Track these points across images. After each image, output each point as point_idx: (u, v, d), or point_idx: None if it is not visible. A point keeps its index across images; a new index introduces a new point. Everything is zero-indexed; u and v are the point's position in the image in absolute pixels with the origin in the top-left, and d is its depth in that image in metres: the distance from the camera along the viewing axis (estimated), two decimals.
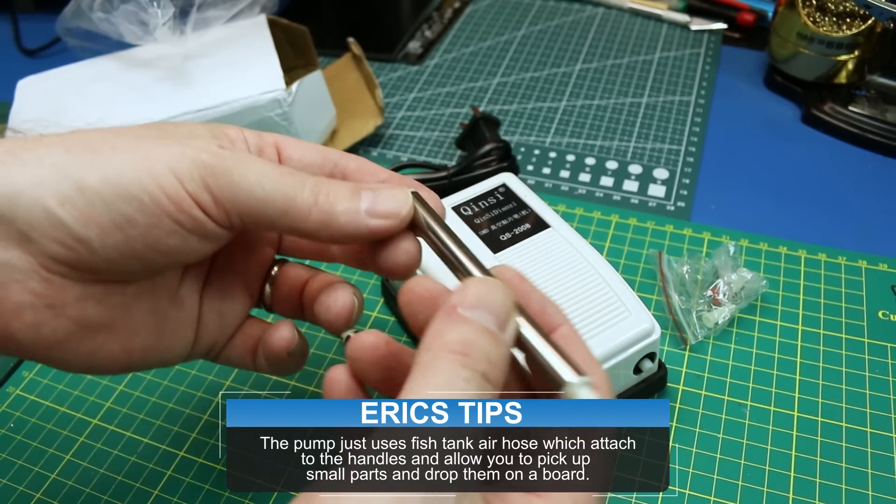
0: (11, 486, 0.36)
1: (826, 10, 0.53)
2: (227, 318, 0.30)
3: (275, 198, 0.24)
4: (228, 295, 0.30)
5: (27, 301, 0.23)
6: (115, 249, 0.23)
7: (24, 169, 0.22)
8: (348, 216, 0.25)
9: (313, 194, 0.25)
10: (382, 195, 0.25)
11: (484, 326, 0.21)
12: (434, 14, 0.72)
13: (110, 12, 0.48)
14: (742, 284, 0.41)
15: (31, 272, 0.23)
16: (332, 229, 0.25)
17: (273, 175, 0.24)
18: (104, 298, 0.25)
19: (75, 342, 0.25)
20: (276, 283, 0.31)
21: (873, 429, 0.36)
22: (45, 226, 0.22)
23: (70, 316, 0.24)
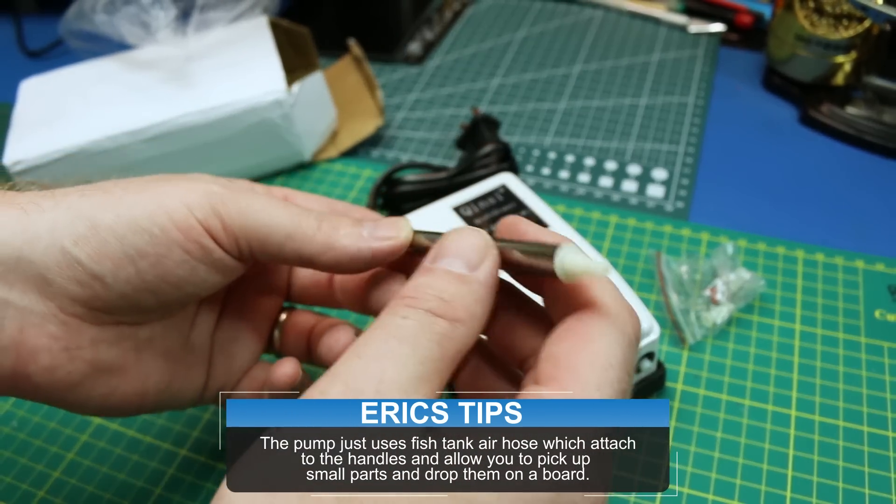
0: (15, 484, 0.36)
1: (823, 11, 0.54)
2: (236, 361, 0.31)
3: (280, 222, 0.25)
4: (239, 340, 0.31)
5: (44, 344, 0.24)
6: (128, 283, 0.24)
7: (43, 215, 0.24)
8: (350, 238, 0.26)
9: (317, 221, 0.26)
10: (383, 223, 0.26)
11: (445, 270, 0.22)
12: (434, 15, 0.72)
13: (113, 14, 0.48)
14: (740, 284, 0.41)
15: (49, 315, 0.24)
16: (335, 251, 0.26)
17: (279, 204, 0.26)
18: (117, 341, 0.26)
19: (89, 385, 0.25)
20: (284, 329, 0.32)
21: (870, 427, 0.36)
22: (62, 265, 0.23)
23: (85, 359, 0.25)
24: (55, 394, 0.25)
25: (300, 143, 0.52)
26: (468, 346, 0.22)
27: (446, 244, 0.23)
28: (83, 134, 0.47)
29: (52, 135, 0.48)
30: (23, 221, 0.23)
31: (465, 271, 0.22)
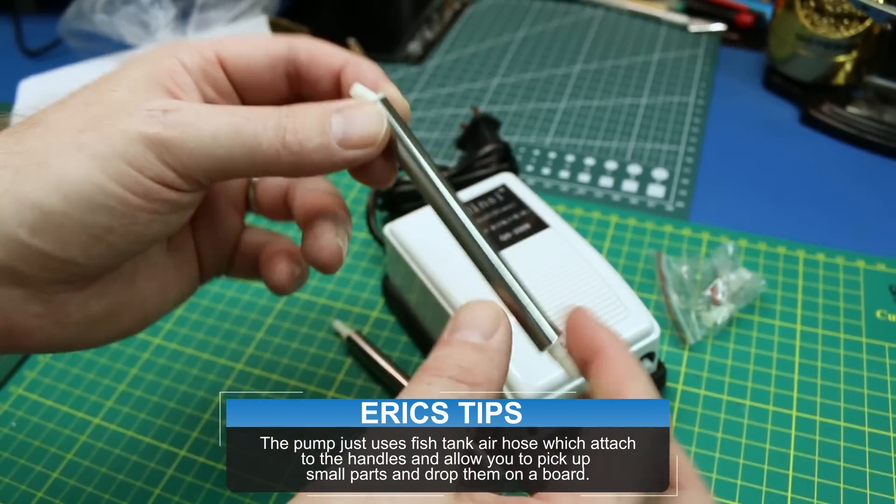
0: (14, 485, 0.36)
1: (824, 11, 0.53)
2: (222, 239, 0.30)
3: (238, 152, 0.23)
4: (217, 219, 0.29)
5: (34, 324, 0.23)
6: (102, 257, 0.23)
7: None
8: (321, 153, 0.23)
9: (277, 136, 0.23)
10: (355, 118, 0.24)
11: (463, 341, 0.22)
12: (434, 15, 0.72)
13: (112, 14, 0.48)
14: (741, 284, 0.41)
15: (29, 299, 0.23)
16: (305, 168, 0.24)
17: (229, 128, 0.23)
18: (104, 291, 0.25)
19: (89, 335, 0.25)
20: (258, 189, 0.30)
21: (871, 428, 0.36)
22: (26, 258, 0.22)
23: (77, 321, 0.24)
24: (59, 349, 0.25)
25: None
26: None
27: (462, 317, 0.23)
28: None
29: None
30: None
31: (482, 341, 0.23)
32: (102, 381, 0.40)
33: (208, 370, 0.41)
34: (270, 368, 0.41)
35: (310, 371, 0.40)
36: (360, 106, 0.24)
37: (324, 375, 0.40)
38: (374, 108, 0.24)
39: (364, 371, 0.40)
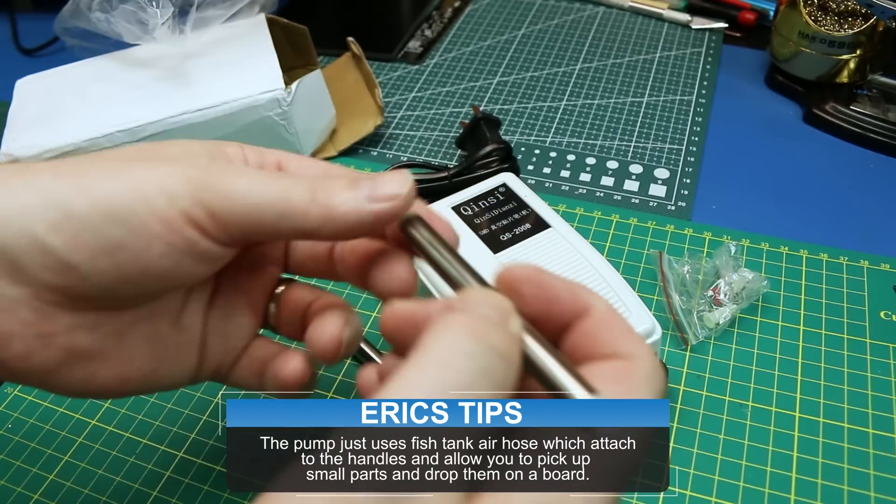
0: (9, 487, 0.36)
1: (828, 9, 0.53)
2: (231, 339, 0.29)
3: (270, 201, 0.23)
4: (234, 316, 0.29)
5: (16, 331, 0.23)
6: (106, 275, 0.23)
7: (12, 197, 0.22)
8: (348, 205, 0.23)
9: (309, 191, 0.24)
10: (381, 180, 0.24)
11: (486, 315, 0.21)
12: (434, 13, 0.71)
13: (109, 12, 0.47)
14: (743, 284, 0.41)
15: (21, 302, 0.23)
16: (334, 222, 0.23)
17: (265, 179, 0.24)
18: (96, 327, 0.24)
19: (66, 371, 0.24)
20: (280, 303, 0.29)
21: (875, 430, 0.36)
22: (34, 253, 0.22)
23: (60, 345, 0.24)
24: (32, 379, 0.24)
25: (299, 142, 0.52)
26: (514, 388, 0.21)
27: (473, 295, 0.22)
28: (79, 132, 0.47)
29: (47, 133, 0.47)
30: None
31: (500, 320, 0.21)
32: None
33: None
34: None
35: None
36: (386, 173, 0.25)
37: (323, 376, 0.40)
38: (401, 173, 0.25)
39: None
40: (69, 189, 0.22)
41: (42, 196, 0.22)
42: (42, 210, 0.22)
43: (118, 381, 0.25)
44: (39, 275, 0.22)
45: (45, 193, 0.22)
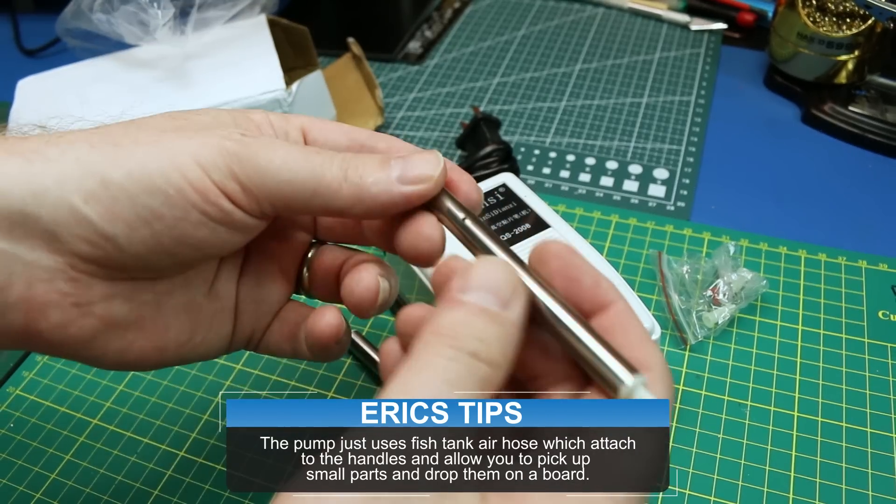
0: (11, 486, 0.36)
1: (826, 10, 0.53)
2: (264, 305, 0.29)
3: (303, 178, 0.23)
4: (266, 282, 0.29)
5: (53, 300, 0.23)
6: (143, 245, 0.23)
7: (49, 166, 0.22)
8: (380, 186, 0.24)
9: (342, 170, 0.24)
10: (413, 160, 0.24)
11: (479, 307, 0.21)
12: (434, 14, 0.72)
13: (110, 13, 0.48)
14: (742, 284, 0.41)
15: (58, 271, 0.23)
16: (365, 202, 0.24)
17: (299, 156, 0.24)
18: (133, 296, 0.24)
19: (103, 341, 0.24)
20: (312, 267, 0.29)
21: (873, 429, 0.36)
22: (71, 223, 0.22)
23: (97, 315, 0.24)
24: (68, 349, 0.24)
25: None
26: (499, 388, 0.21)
27: (474, 275, 0.22)
28: None
29: None
30: (26, 172, 0.22)
31: (497, 308, 0.21)
32: (101, 382, 0.40)
33: (207, 370, 0.40)
34: (270, 369, 0.40)
35: (309, 371, 0.40)
36: (418, 152, 0.25)
37: (323, 375, 0.40)
38: (433, 154, 0.25)
39: (364, 371, 0.40)
40: (105, 159, 0.22)
41: (78, 166, 0.22)
42: (79, 180, 0.22)
43: (155, 350, 0.26)
44: (76, 245, 0.22)
45: (81, 163, 0.22)
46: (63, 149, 0.23)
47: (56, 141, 0.23)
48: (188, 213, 0.23)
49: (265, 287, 0.29)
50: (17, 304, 0.22)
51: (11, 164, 0.22)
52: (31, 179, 0.22)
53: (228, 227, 0.24)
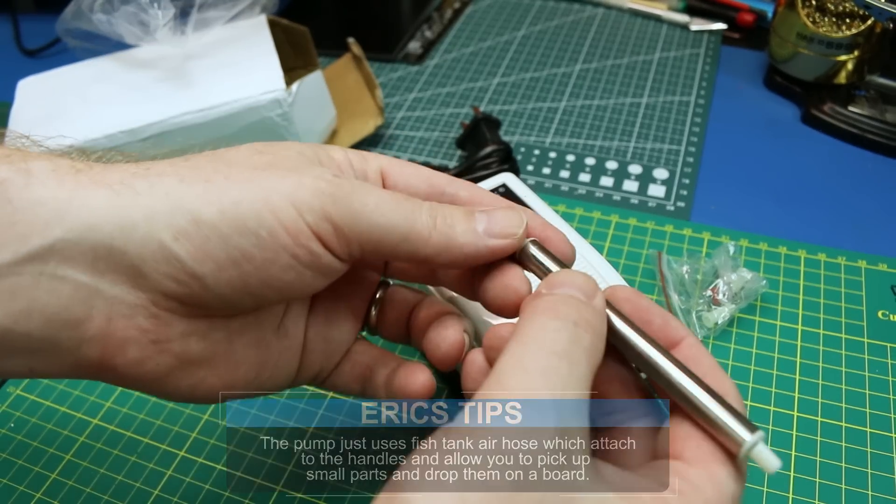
0: (11, 485, 0.36)
1: (826, 10, 0.53)
2: (333, 343, 0.29)
3: (396, 223, 0.23)
4: (335, 320, 0.29)
5: (132, 337, 0.23)
6: (229, 286, 0.23)
7: (138, 200, 0.22)
8: (467, 237, 0.24)
9: (431, 217, 0.24)
10: (497, 216, 0.25)
11: (570, 295, 0.22)
12: (434, 14, 0.72)
13: (111, 13, 0.48)
14: (742, 284, 0.41)
15: (140, 307, 0.22)
16: (452, 252, 0.24)
17: (392, 201, 0.24)
18: (208, 333, 0.24)
19: (176, 377, 0.24)
20: (382, 307, 0.30)
21: (873, 429, 0.36)
22: (159, 261, 0.22)
23: (173, 352, 0.23)
24: (141, 384, 0.24)
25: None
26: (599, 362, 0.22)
27: (559, 279, 0.23)
28: (81, 133, 0.47)
29: (49, 134, 0.47)
30: (114, 204, 0.21)
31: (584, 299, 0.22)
32: (101, 382, 0.40)
33: None
34: None
35: None
36: (502, 208, 0.26)
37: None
38: (515, 212, 0.26)
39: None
40: (197, 196, 0.22)
41: (168, 201, 0.22)
42: (168, 216, 0.22)
43: (224, 386, 0.26)
44: (161, 283, 0.22)
45: (171, 199, 0.22)
46: (152, 182, 0.22)
47: (144, 173, 0.22)
48: (278, 256, 0.23)
49: (334, 326, 0.29)
50: (96, 338, 0.22)
51: (98, 196, 0.21)
52: (119, 213, 0.21)
53: (315, 270, 0.24)
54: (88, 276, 0.21)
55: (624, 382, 0.24)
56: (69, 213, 0.21)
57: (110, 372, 0.23)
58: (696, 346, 0.24)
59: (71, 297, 0.21)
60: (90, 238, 0.21)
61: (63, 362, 0.22)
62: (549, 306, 0.22)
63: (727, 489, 0.21)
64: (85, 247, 0.21)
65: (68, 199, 0.21)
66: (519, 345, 0.20)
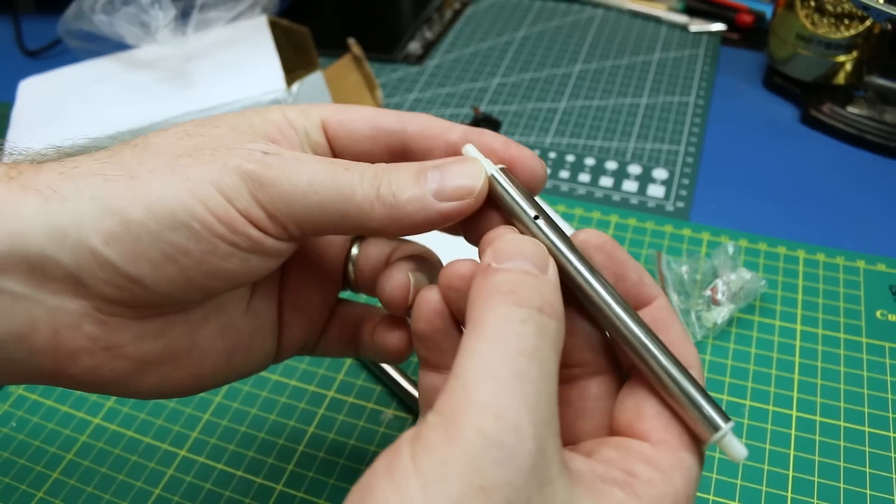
0: (14, 485, 0.36)
1: (824, 11, 0.53)
2: (313, 312, 0.28)
3: (332, 199, 0.22)
4: (310, 289, 0.27)
5: (82, 346, 0.22)
6: (171, 283, 0.22)
7: (65, 205, 0.21)
8: (415, 204, 0.22)
9: (373, 187, 0.22)
10: (451, 171, 0.22)
11: (523, 269, 0.20)
12: (434, 15, 0.72)
13: (112, 14, 0.48)
14: (741, 284, 0.41)
15: (85, 316, 0.21)
16: (400, 223, 0.22)
17: (325, 174, 0.22)
18: (164, 331, 0.23)
19: (137, 378, 0.23)
20: (358, 264, 0.27)
21: (871, 428, 0.36)
22: (94, 267, 0.21)
23: (129, 355, 0.23)
24: (101, 388, 0.23)
25: None
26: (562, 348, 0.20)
27: (506, 247, 0.21)
28: (82, 133, 0.47)
29: (51, 134, 0.48)
30: (43, 212, 0.20)
31: (536, 272, 0.20)
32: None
33: None
34: (271, 368, 0.40)
35: (310, 371, 0.40)
36: (458, 160, 0.23)
37: (324, 376, 0.40)
38: (473, 162, 0.23)
39: (364, 370, 0.40)
40: (122, 195, 0.21)
41: (95, 205, 0.21)
42: (97, 220, 0.21)
43: (192, 379, 0.25)
44: (101, 289, 0.21)
45: (97, 201, 0.21)
46: (78, 184, 0.21)
47: (71, 173, 0.21)
48: (216, 246, 0.21)
49: (310, 294, 0.27)
50: (45, 350, 0.21)
51: (28, 203, 0.21)
52: (48, 220, 0.20)
53: (260, 254, 0.22)
54: (26, 287, 0.21)
55: (584, 336, 0.23)
56: (0, 223, 0.20)
57: (67, 380, 0.22)
58: (667, 310, 0.23)
59: (11, 310, 0.21)
60: (22, 248, 0.20)
61: (16, 372, 0.22)
62: (508, 288, 0.20)
63: (692, 474, 0.20)
64: (18, 257, 0.20)
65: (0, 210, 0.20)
66: (483, 342, 0.18)
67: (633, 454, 0.20)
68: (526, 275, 0.20)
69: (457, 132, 0.25)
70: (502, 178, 0.23)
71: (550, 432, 0.18)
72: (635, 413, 0.21)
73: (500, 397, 0.17)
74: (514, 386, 0.18)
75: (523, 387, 0.18)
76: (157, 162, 0.22)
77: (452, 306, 0.23)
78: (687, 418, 0.21)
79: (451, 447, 0.17)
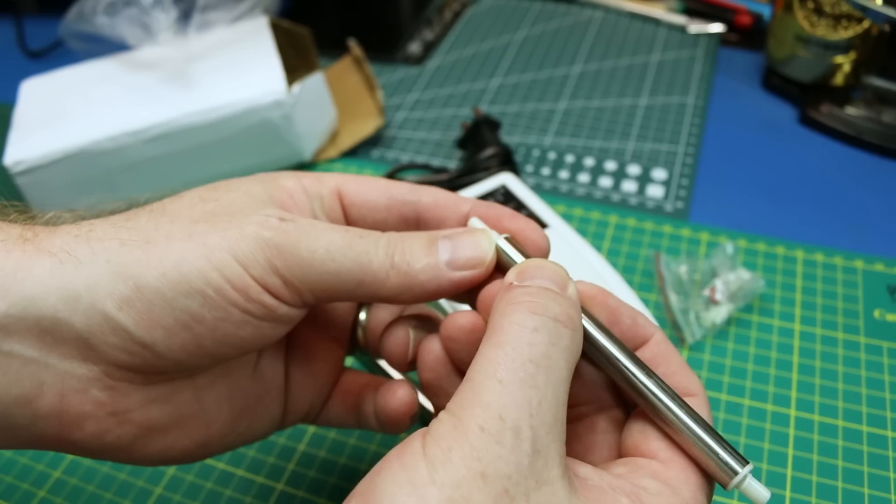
0: (16, 484, 0.36)
1: (823, 12, 0.54)
2: (319, 377, 0.28)
3: (348, 268, 0.22)
4: (317, 352, 0.28)
5: (88, 411, 0.22)
6: (183, 350, 0.21)
7: (80, 269, 0.21)
8: (428, 273, 0.23)
9: (388, 255, 0.23)
10: (461, 242, 0.23)
11: (544, 287, 0.21)
12: (434, 16, 0.72)
13: (113, 16, 0.48)
14: (739, 284, 0.41)
15: (93, 381, 0.21)
16: (412, 291, 0.23)
17: (343, 242, 0.22)
18: (171, 397, 0.23)
19: (142, 445, 0.23)
20: (369, 327, 0.28)
21: (869, 427, 0.36)
22: (106, 332, 0.21)
23: (135, 422, 0.22)
24: (105, 455, 0.23)
25: (300, 144, 0.52)
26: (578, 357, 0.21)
27: (530, 269, 0.22)
28: (84, 134, 0.47)
29: (52, 135, 0.48)
30: (57, 275, 0.20)
31: (557, 290, 0.21)
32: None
33: None
34: None
35: None
36: (468, 232, 0.24)
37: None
38: (483, 233, 0.24)
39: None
40: (138, 260, 0.21)
41: (110, 269, 0.21)
42: (111, 285, 0.21)
43: (198, 446, 0.24)
44: (111, 354, 0.21)
45: (112, 266, 0.21)
46: (93, 248, 0.21)
47: (86, 237, 0.21)
48: (229, 313, 0.21)
49: (317, 358, 0.28)
50: (50, 415, 0.21)
51: (42, 265, 0.20)
52: (62, 284, 0.20)
53: (272, 321, 0.23)
54: (36, 350, 0.20)
55: (591, 379, 0.24)
56: (14, 286, 0.20)
57: (71, 447, 0.22)
58: (664, 343, 0.24)
59: (19, 373, 0.20)
60: (34, 311, 0.20)
61: (18, 437, 0.21)
62: (527, 299, 0.21)
63: (702, 491, 0.21)
64: (30, 321, 0.20)
65: (13, 272, 0.20)
66: (495, 348, 0.19)
67: (642, 469, 0.21)
68: (546, 290, 0.21)
69: (468, 204, 0.26)
70: (508, 247, 0.24)
71: (552, 437, 0.19)
72: (642, 436, 0.22)
73: (504, 400, 0.19)
74: (518, 391, 0.19)
75: (527, 392, 0.19)
76: (173, 227, 0.22)
77: (454, 357, 0.24)
78: (705, 465, 0.21)
79: (457, 438, 0.18)
